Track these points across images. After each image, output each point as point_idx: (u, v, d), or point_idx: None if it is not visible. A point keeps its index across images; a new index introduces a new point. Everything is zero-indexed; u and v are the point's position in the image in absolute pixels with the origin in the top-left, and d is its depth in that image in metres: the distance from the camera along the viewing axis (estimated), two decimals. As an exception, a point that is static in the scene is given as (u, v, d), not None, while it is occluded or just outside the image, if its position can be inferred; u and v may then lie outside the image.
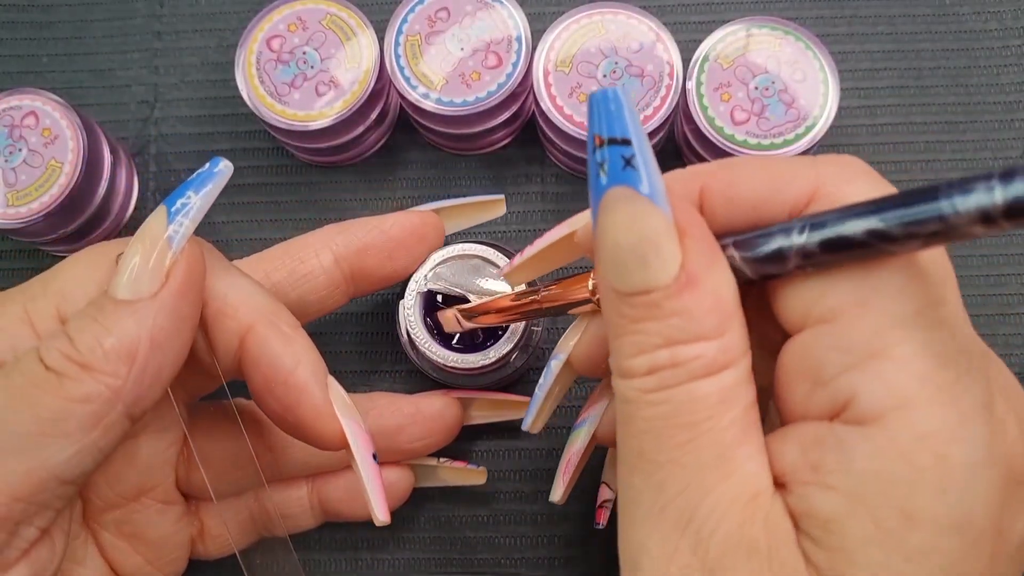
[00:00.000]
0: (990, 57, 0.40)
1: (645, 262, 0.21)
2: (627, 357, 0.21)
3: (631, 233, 0.21)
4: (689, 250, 0.21)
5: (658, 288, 0.21)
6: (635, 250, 0.21)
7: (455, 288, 0.34)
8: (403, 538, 0.38)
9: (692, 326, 0.21)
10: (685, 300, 0.21)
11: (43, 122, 0.37)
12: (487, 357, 0.34)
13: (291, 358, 0.26)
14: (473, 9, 0.37)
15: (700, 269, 0.21)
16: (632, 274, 0.21)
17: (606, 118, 0.21)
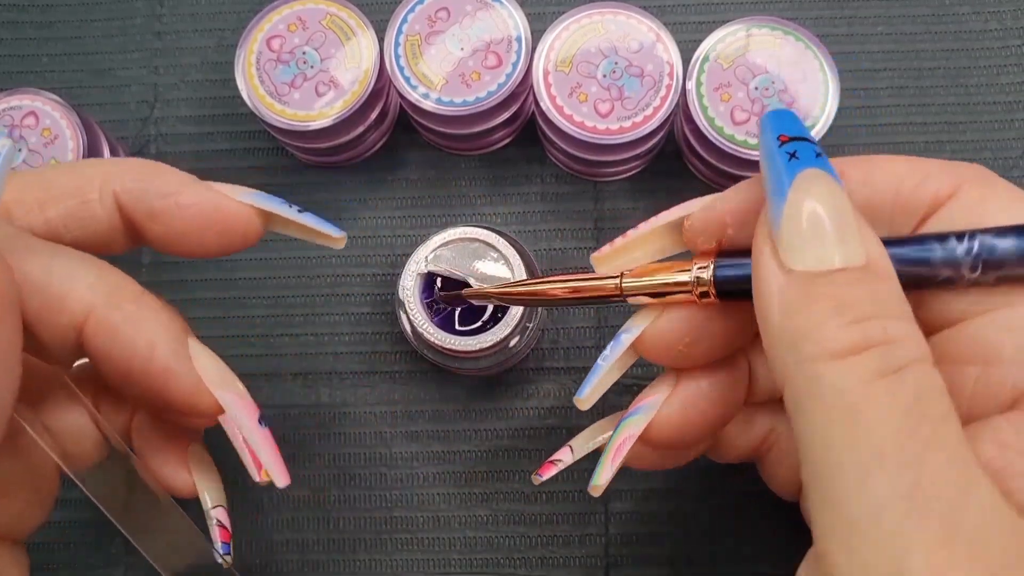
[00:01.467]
0: (990, 57, 0.40)
1: (843, 239, 0.20)
2: (833, 328, 0.19)
3: (832, 209, 0.20)
4: (869, 239, 0.20)
5: (851, 267, 0.20)
6: (835, 226, 0.20)
7: (455, 271, 0.34)
8: (403, 538, 0.38)
9: (888, 305, 0.20)
10: (875, 283, 0.20)
11: (43, 122, 0.37)
12: (485, 340, 0.34)
13: (144, 342, 0.23)
14: (473, 9, 0.37)
15: (883, 261, 0.20)
16: (829, 249, 0.20)
17: (791, 124, 0.22)
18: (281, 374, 0.39)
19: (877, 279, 0.20)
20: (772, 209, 0.21)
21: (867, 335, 0.19)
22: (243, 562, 0.38)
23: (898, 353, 0.19)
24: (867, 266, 0.20)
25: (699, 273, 0.24)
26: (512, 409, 0.38)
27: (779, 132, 0.22)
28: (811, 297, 0.20)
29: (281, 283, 0.40)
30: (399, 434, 0.38)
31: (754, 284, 0.21)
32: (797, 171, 0.21)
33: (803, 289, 0.20)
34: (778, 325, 0.20)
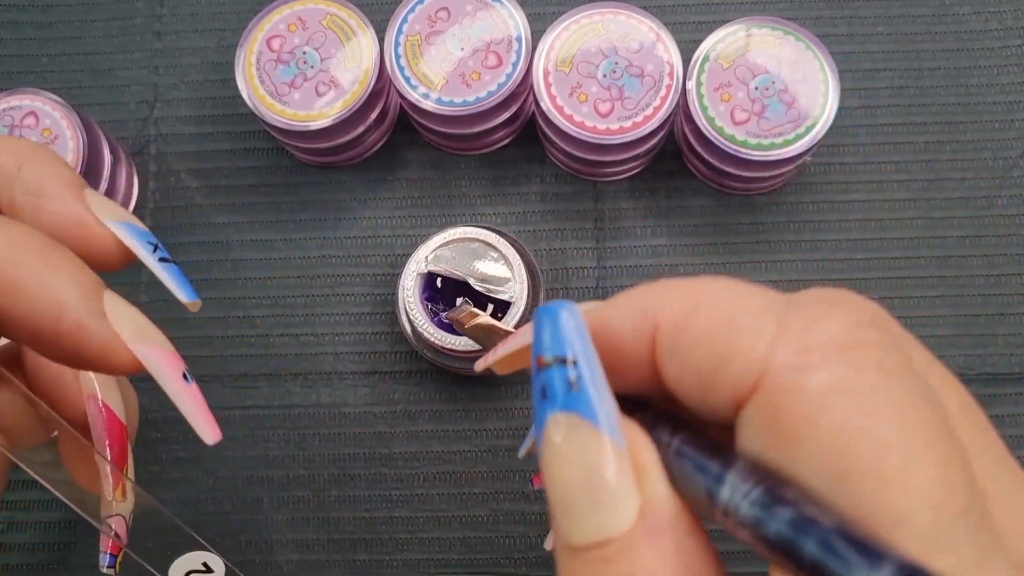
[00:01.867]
0: (990, 57, 0.40)
1: (597, 506, 0.17)
2: None
3: (578, 469, 0.17)
4: (647, 487, 0.17)
5: (611, 540, 0.17)
6: (584, 492, 0.17)
7: (455, 271, 0.34)
8: (403, 538, 0.38)
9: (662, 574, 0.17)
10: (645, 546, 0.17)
11: (43, 122, 0.37)
12: None
13: (51, 302, 0.22)
14: (473, 9, 0.37)
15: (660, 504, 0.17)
16: (584, 521, 0.17)
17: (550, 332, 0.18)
18: (281, 374, 0.39)
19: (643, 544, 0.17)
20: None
21: None
22: (243, 562, 0.38)
23: None
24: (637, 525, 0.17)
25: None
26: (512, 409, 0.38)
27: (539, 351, 0.18)
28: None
29: (281, 283, 0.40)
30: (399, 434, 0.38)
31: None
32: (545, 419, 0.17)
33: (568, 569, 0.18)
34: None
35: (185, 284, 0.25)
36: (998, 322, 0.38)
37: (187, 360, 0.41)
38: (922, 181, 0.39)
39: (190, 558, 0.27)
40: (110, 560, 0.27)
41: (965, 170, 0.39)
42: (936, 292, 0.38)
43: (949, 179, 0.39)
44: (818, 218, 0.39)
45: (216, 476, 0.38)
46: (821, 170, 0.40)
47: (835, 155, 0.40)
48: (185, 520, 0.38)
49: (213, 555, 0.27)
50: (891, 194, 0.39)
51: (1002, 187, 0.39)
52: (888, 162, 0.39)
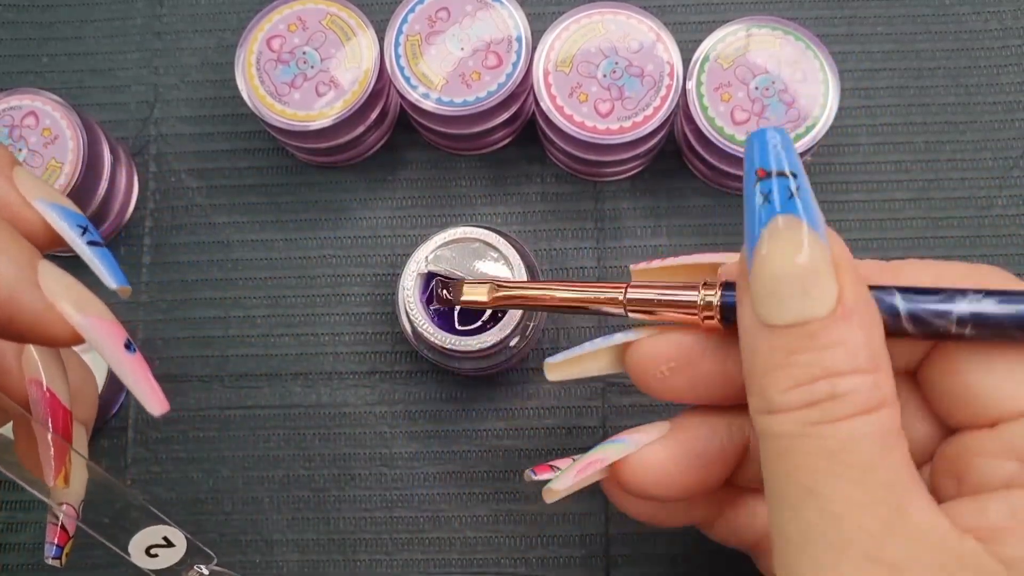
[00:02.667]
0: (990, 57, 0.40)
1: (805, 292, 0.20)
2: (782, 391, 0.21)
3: (795, 262, 0.20)
4: (844, 284, 0.21)
5: (815, 319, 0.20)
6: (797, 279, 0.20)
7: (455, 271, 0.34)
8: (403, 538, 0.38)
9: (848, 359, 0.20)
10: (841, 332, 0.20)
11: (43, 122, 0.37)
12: (485, 340, 0.34)
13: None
14: (473, 9, 0.37)
15: (854, 303, 0.21)
16: (790, 304, 0.20)
17: (773, 153, 0.22)
18: (281, 374, 0.39)
19: (839, 329, 0.20)
20: (746, 256, 0.21)
21: (811, 396, 0.20)
22: (243, 562, 0.38)
23: (840, 407, 0.20)
24: (833, 316, 0.20)
25: (707, 296, 0.24)
26: (512, 409, 0.38)
27: (759, 164, 0.21)
28: (767, 353, 0.21)
29: (281, 283, 0.40)
30: (399, 434, 0.38)
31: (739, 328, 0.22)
32: (766, 221, 0.21)
33: (764, 342, 0.21)
34: (746, 375, 0.22)
35: (114, 269, 0.24)
36: (998, 322, 0.38)
37: (187, 360, 0.41)
38: (922, 181, 0.39)
39: (149, 532, 0.26)
40: (55, 551, 0.27)
41: (965, 170, 0.39)
42: (936, 292, 0.38)
43: (949, 179, 0.39)
44: (818, 218, 0.39)
45: (216, 476, 0.38)
46: (821, 170, 0.40)
47: (835, 155, 0.40)
48: (185, 520, 0.38)
49: (173, 529, 0.27)
50: (891, 194, 0.39)
51: (1002, 187, 0.39)
52: (888, 162, 0.39)
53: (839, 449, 0.20)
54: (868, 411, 0.20)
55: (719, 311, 0.24)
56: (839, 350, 0.20)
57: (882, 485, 0.20)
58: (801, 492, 0.20)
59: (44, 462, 0.25)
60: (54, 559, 0.27)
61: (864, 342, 0.21)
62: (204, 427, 0.39)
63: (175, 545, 0.27)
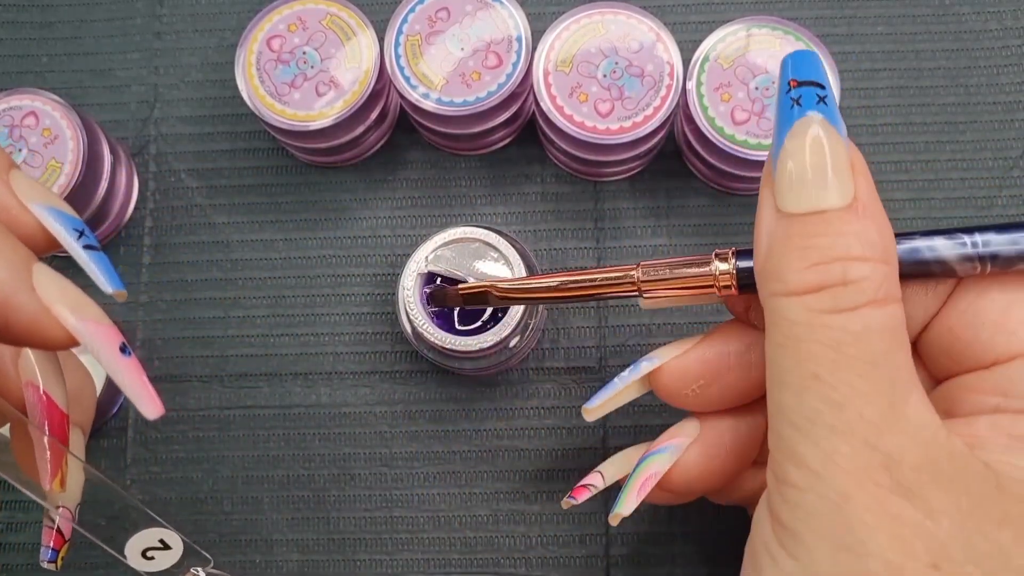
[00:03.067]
0: (990, 57, 0.40)
1: (825, 181, 0.22)
2: (797, 271, 0.22)
3: (819, 152, 0.22)
4: (860, 183, 0.22)
5: (832, 208, 0.22)
6: (818, 169, 0.22)
7: (456, 271, 0.34)
8: (402, 538, 0.38)
9: (862, 247, 0.21)
10: (856, 224, 0.22)
11: (43, 122, 0.37)
12: (485, 340, 0.34)
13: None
14: (473, 9, 0.37)
15: (869, 201, 0.22)
16: (810, 192, 0.22)
17: (804, 67, 0.23)
18: (281, 374, 0.39)
19: (856, 220, 0.22)
20: (772, 152, 0.23)
21: (824, 278, 0.21)
22: (243, 562, 0.38)
23: (851, 295, 0.21)
24: (850, 208, 0.22)
25: (721, 265, 0.25)
26: (512, 409, 0.38)
27: (791, 76, 0.23)
28: (787, 237, 0.22)
29: (281, 283, 0.40)
30: (399, 434, 0.38)
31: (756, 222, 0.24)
32: (795, 118, 0.23)
33: (783, 228, 0.22)
34: (761, 261, 0.23)
35: (111, 273, 0.24)
36: (998, 322, 0.38)
37: (187, 360, 0.41)
38: (922, 181, 0.39)
39: (146, 535, 0.26)
40: (51, 555, 0.27)
41: (965, 170, 0.39)
42: (936, 292, 0.38)
43: (949, 179, 0.39)
44: (818, 218, 0.39)
45: (216, 476, 0.38)
46: (821, 170, 0.40)
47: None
48: (185, 520, 0.38)
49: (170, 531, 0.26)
50: (891, 194, 0.39)
51: (1002, 187, 0.39)
52: (888, 162, 0.39)
53: (848, 341, 0.21)
54: (878, 303, 0.21)
55: (735, 276, 0.25)
56: (854, 238, 0.22)
57: (885, 379, 0.21)
58: (807, 378, 0.21)
59: (40, 466, 0.25)
60: (49, 562, 0.27)
61: (877, 236, 0.22)
62: (204, 427, 0.39)
63: (171, 548, 0.27)
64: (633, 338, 0.38)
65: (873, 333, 0.21)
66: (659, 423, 0.30)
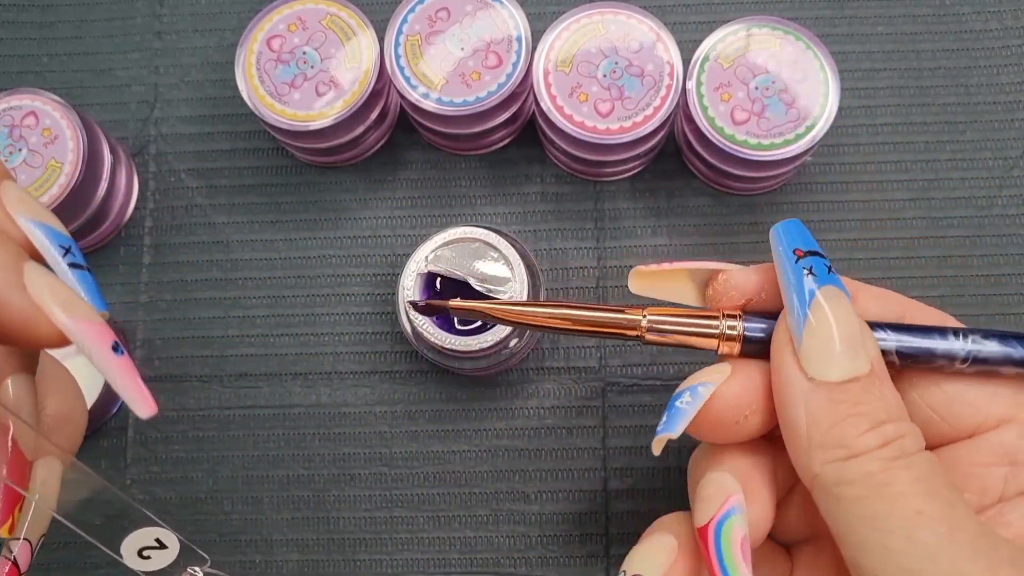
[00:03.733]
0: (990, 57, 0.40)
1: (854, 351, 0.24)
2: (859, 435, 0.23)
3: (845, 325, 0.24)
4: (872, 350, 0.24)
5: (863, 375, 0.23)
6: (847, 340, 0.24)
7: (456, 271, 0.34)
8: (402, 538, 0.38)
9: (893, 408, 0.24)
10: (881, 387, 0.24)
11: (43, 122, 0.37)
12: (485, 340, 0.34)
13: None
14: (473, 9, 0.37)
15: (880, 363, 0.24)
16: (843, 363, 0.23)
17: (801, 237, 0.25)
18: (281, 374, 0.39)
19: (881, 384, 0.24)
20: (792, 322, 0.24)
21: (884, 437, 0.23)
22: (243, 562, 0.38)
23: (907, 443, 0.23)
24: (872, 373, 0.24)
25: (730, 324, 0.26)
26: (512, 409, 0.38)
27: (794, 246, 0.25)
28: (832, 406, 0.23)
29: (281, 283, 0.40)
30: (399, 434, 0.38)
31: (777, 387, 0.25)
32: (814, 291, 0.24)
33: (824, 398, 0.23)
34: (803, 429, 0.24)
35: (94, 293, 0.24)
36: (998, 322, 0.38)
37: (187, 360, 0.41)
38: (922, 181, 0.39)
39: (142, 534, 0.26)
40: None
41: (965, 170, 0.39)
42: (936, 292, 0.38)
43: (949, 179, 0.39)
44: (818, 218, 0.39)
45: (216, 476, 0.38)
46: (821, 170, 0.40)
47: (835, 155, 0.40)
48: (185, 520, 0.38)
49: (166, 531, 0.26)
50: (891, 194, 0.39)
51: (1002, 187, 0.39)
52: (888, 162, 0.39)
53: (929, 476, 0.23)
54: (923, 447, 0.23)
55: (741, 341, 0.26)
56: (886, 400, 0.23)
57: (967, 504, 0.23)
58: (911, 517, 0.22)
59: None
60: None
61: (896, 395, 0.24)
62: (204, 427, 0.39)
63: (168, 547, 0.26)
64: (633, 338, 0.38)
65: (938, 470, 0.23)
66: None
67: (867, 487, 0.23)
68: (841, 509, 0.23)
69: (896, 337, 0.25)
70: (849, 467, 0.23)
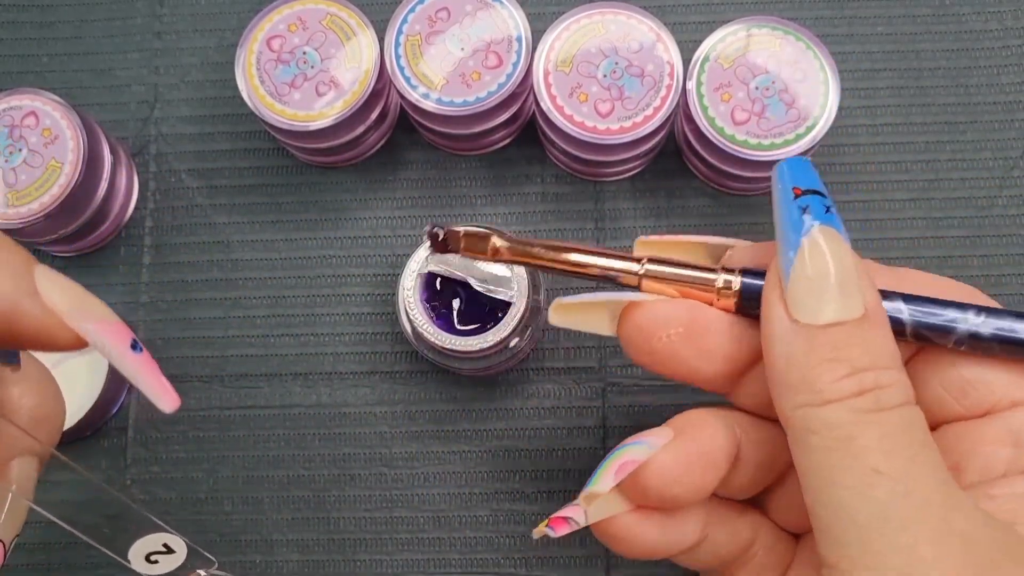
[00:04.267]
0: (990, 57, 0.40)
1: (843, 295, 0.22)
2: (833, 381, 0.22)
3: (837, 266, 0.22)
4: (869, 294, 0.23)
5: (850, 320, 0.22)
6: (836, 282, 0.22)
7: (456, 271, 0.34)
8: (402, 538, 0.38)
9: (883, 356, 0.22)
10: (873, 332, 0.22)
11: (43, 122, 0.37)
12: (486, 340, 0.34)
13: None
14: (473, 9, 0.37)
15: (876, 308, 0.23)
16: (829, 305, 0.22)
17: (804, 175, 0.24)
18: (281, 374, 0.39)
19: (872, 329, 0.22)
20: (783, 261, 0.23)
21: (862, 385, 0.22)
22: (243, 562, 0.38)
23: (886, 396, 0.22)
24: (864, 317, 0.22)
25: (727, 277, 0.25)
26: (512, 409, 0.38)
27: (793, 183, 0.24)
28: (811, 349, 0.22)
29: (281, 283, 0.40)
30: (399, 434, 0.38)
31: (762, 327, 0.23)
32: (808, 227, 0.23)
33: (805, 341, 0.22)
34: (782, 372, 0.23)
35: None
36: (998, 322, 0.38)
37: (187, 360, 0.41)
38: (922, 181, 0.39)
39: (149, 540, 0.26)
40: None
41: (965, 170, 0.39)
42: (936, 292, 0.38)
43: (949, 179, 0.39)
44: (818, 218, 0.39)
45: (216, 476, 0.38)
46: (821, 170, 0.39)
47: (835, 155, 0.40)
48: (185, 520, 0.38)
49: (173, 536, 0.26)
50: (891, 194, 0.39)
51: (1002, 187, 0.39)
52: (888, 162, 0.39)
53: (898, 433, 0.22)
54: (909, 402, 0.22)
55: (738, 295, 0.25)
56: (876, 347, 0.22)
57: (935, 463, 0.22)
58: (867, 474, 0.21)
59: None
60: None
61: (890, 343, 0.23)
62: (204, 427, 0.39)
63: (175, 551, 0.26)
64: (633, 338, 0.38)
65: (915, 425, 0.22)
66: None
67: (832, 439, 0.22)
68: (805, 456, 0.22)
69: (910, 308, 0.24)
70: (817, 414, 0.22)
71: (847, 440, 0.22)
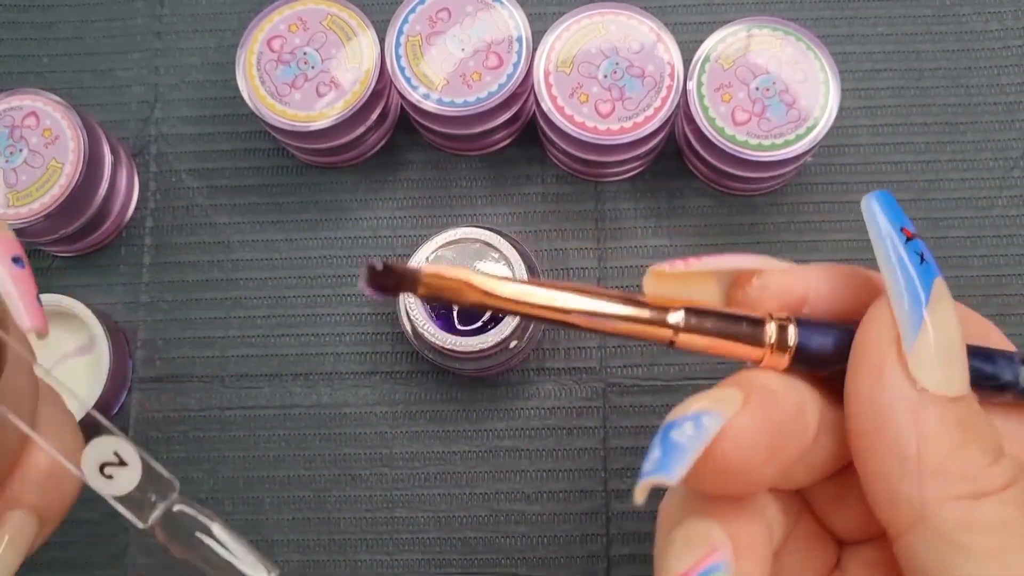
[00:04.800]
0: (990, 58, 0.40)
1: (962, 363, 0.19)
2: (985, 467, 0.18)
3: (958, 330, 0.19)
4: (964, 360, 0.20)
5: (967, 394, 0.19)
6: (959, 346, 0.19)
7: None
8: (403, 539, 0.38)
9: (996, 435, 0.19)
10: (978, 406, 0.19)
11: (44, 122, 0.37)
12: (485, 341, 0.34)
13: None
14: (474, 9, 0.37)
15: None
16: (958, 374, 0.19)
17: (900, 214, 0.20)
18: (282, 374, 0.39)
19: (976, 403, 0.19)
20: (906, 316, 0.19)
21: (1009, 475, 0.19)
22: (244, 562, 0.38)
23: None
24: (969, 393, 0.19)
25: (778, 327, 0.20)
26: (512, 409, 0.38)
27: (901, 224, 0.20)
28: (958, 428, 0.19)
29: (282, 283, 0.40)
30: (400, 434, 0.38)
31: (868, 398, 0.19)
32: (931, 281, 0.19)
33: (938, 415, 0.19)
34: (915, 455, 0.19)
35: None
36: (998, 322, 0.37)
37: (188, 360, 0.41)
38: (922, 181, 0.39)
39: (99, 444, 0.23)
40: None
41: (965, 171, 0.39)
42: (936, 292, 0.38)
43: (949, 179, 0.39)
44: (819, 219, 0.39)
45: (216, 476, 0.38)
46: (821, 171, 0.40)
47: (835, 155, 0.40)
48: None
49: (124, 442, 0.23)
50: (891, 194, 0.39)
51: (1002, 188, 0.39)
52: (888, 162, 0.39)
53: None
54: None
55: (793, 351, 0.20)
56: (991, 425, 0.19)
57: None
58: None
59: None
60: None
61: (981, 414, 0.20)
62: (204, 427, 0.39)
63: (127, 464, 0.23)
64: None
65: None
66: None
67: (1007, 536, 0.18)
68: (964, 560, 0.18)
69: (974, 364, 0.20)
70: (981, 509, 0.18)
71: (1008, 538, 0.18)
